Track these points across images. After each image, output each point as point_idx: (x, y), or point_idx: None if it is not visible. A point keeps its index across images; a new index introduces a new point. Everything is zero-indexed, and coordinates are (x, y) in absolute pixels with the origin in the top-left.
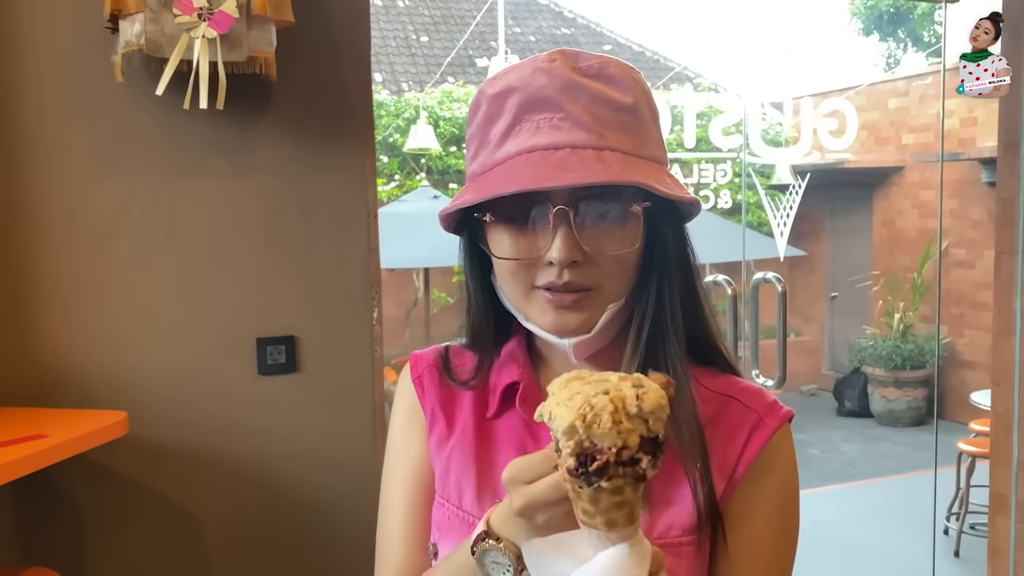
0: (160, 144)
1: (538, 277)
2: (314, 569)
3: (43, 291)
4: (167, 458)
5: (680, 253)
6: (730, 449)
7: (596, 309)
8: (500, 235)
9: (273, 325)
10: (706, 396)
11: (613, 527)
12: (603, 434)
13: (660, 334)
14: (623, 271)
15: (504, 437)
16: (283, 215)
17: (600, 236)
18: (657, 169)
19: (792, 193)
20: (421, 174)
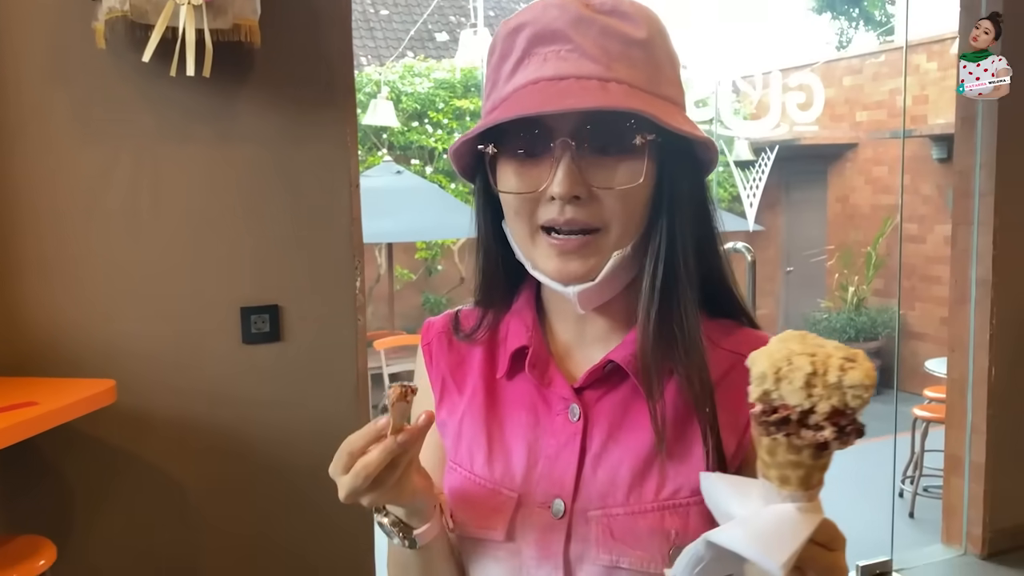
0: (143, 112)
1: (541, 214)
2: (299, 533)
3: (27, 260)
4: (154, 426)
5: (695, 197)
6: (741, 407)
7: (601, 255)
8: (505, 170)
9: (257, 294)
10: (716, 353)
11: (785, 484)
12: (791, 391)
13: (673, 282)
14: (629, 211)
15: (514, 400)
16: (266, 183)
17: (603, 170)
18: (668, 106)
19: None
20: (383, 150)
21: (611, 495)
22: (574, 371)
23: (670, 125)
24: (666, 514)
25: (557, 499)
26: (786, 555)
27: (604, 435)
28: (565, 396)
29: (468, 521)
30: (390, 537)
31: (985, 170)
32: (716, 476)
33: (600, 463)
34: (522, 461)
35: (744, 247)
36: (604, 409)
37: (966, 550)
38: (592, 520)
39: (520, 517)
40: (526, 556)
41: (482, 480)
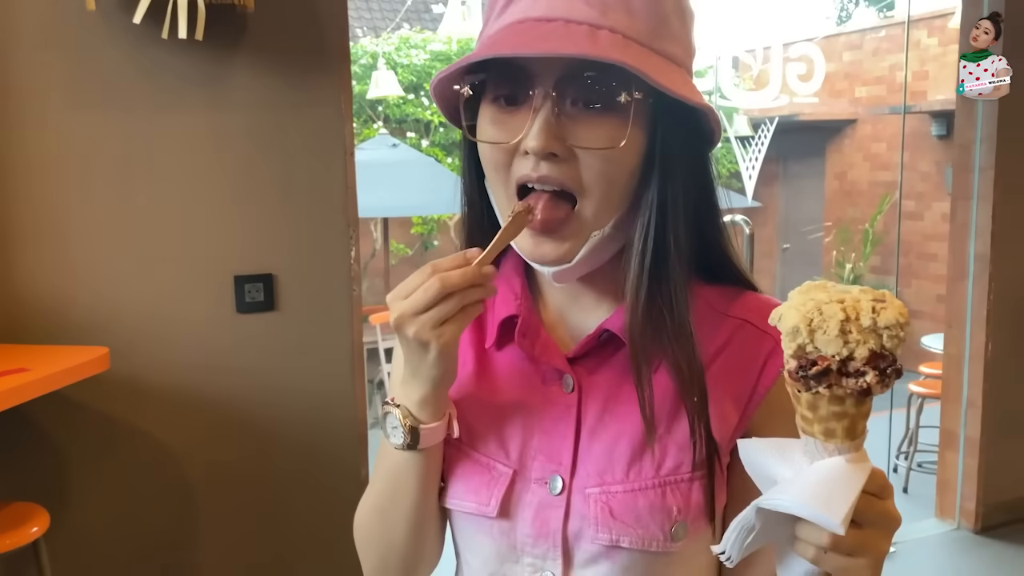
0: (135, 76)
1: (516, 168)
2: (291, 500)
3: (20, 227)
4: (147, 394)
5: (692, 168)
6: (745, 378)
7: (578, 237)
8: (484, 117)
9: (250, 263)
10: (719, 321)
11: (830, 438)
12: (827, 340)
13: (664, 261)
14: (610, 178)
15: (505, 371)
16: (260, 151)
17: (584, 127)
18: (666, 65)
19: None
20: (379, 122)
21: (609, 471)
22: (567, 340)
23: (662, 85)
24: (667, 491)
25: (555, 475)
26: (844, 510)
27: (600, 407)
28: (558, 367)
29: (459, 495)
30: (392, 435)
31: (986, 144)
32: (754, 441)
33: (596, 437)
34: (516, 434)
35: (743, 219)
36: (600, 380)
37: (959, 524)
38: (591, 498)
39: (515, 493)
40: (521, 534)
41: (476, 454)
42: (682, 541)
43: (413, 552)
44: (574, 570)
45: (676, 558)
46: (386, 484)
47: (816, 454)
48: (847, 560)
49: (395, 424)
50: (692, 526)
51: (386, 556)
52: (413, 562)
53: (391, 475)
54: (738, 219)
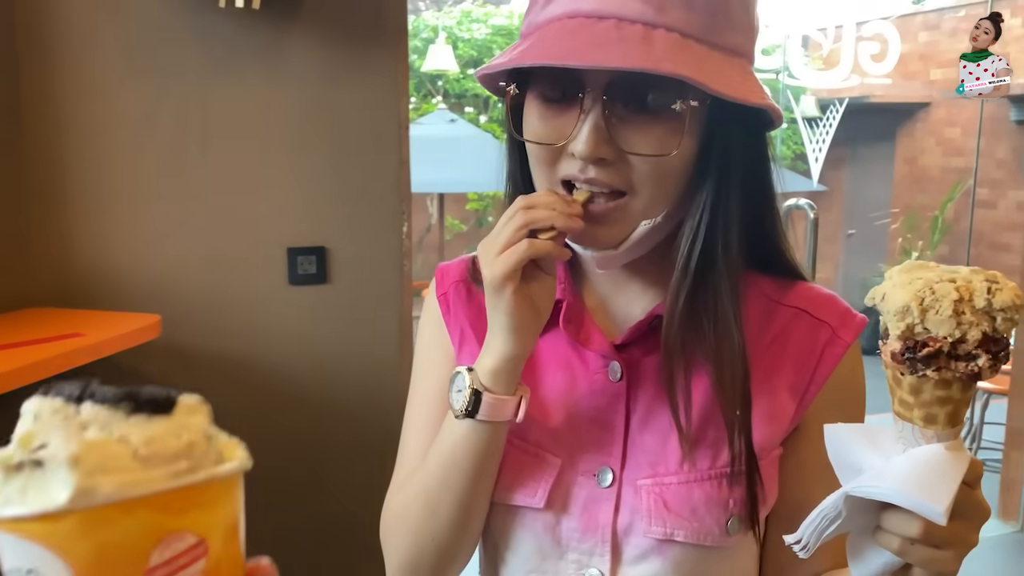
0: (192, 45)
1: (562, 167)
2: (337, 469)
3: (76, 194)
4: (198, 362)
5: (750, 163)
6: (801, 367)
7: (627, 223)
8: (530, 112)
9: (304, 235)
10: (774, 309)
11: (931, 424)
12: (940, 321)
13: (710, 266)
14: (661, 179)
15: (547, 358)
16: (314, 122)
17: (636, 132)
18: (724, 62)
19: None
20: (437, 97)
21: (662, 462)
22: (612, 326)
23: (721, 92)
24: (724, 482)
25: (604, 467)
26: (947, 499)
27: (650, 396)
28: (605, 354)
29: (504, 485)
30: (455, 400)
31: None
32: (841, 426)
33: (647, 427)
34: (561, 424)
35: (807, 204)
36: (649, 368)
37: (1023, 526)
38: (643, 490)
39: (563, 485)
40: (567, 528)
41: (519, 442)
42: (736, 536)
43: (453, 546)
44: (622, 567)
45: (726, 554)
46: (438, 463)
47: (912, 441)
48: (934, 552)
49: (460, 387)
50: (747, 520)
51: (422, 549)
52: (449, 559)
53: (446, 451)
54: (802, 203)
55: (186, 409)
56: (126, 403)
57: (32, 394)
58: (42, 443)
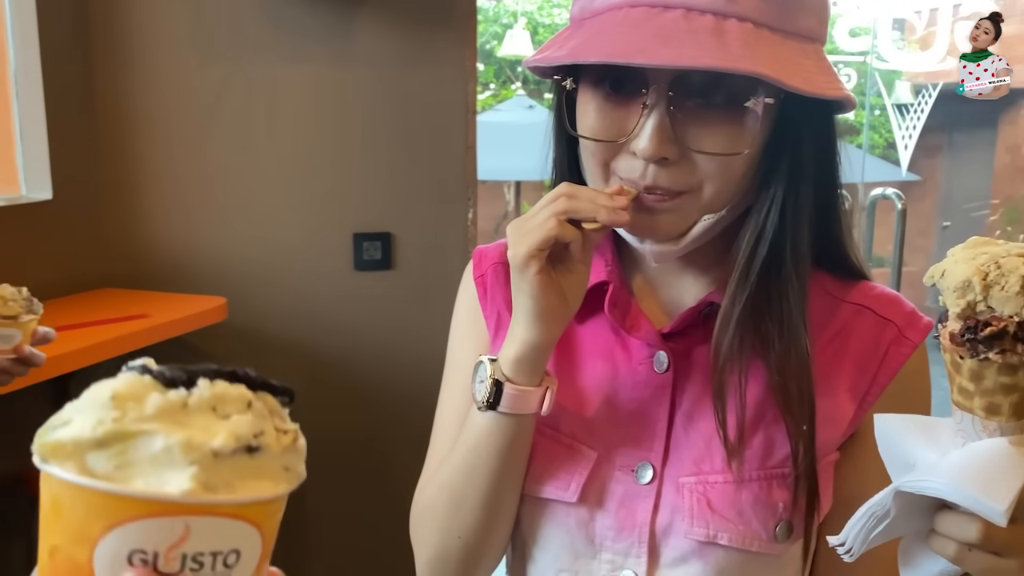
0: (259, 28)
1: (619, 164)
2: (397, 455)
3: (145, 177)
4: (264, 345)
5: (820, 159)
6: (863, 367)
7: (688, 215)
8: (585, 103)
9: (370, 221)
10: (835, 306)
11: (994, 414)
12: (1005, 298)
13: (777, 263)
14: (727, 176)
15: (589, 345)
16: (380, 107)
17: (703, 129)
18: (798, 51)
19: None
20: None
21: (707, 460)
22: (660, 314)
23: (801, 89)
24: (774, 484)
25: (644, 462)
26: (1009, 498)
27: (698, 390)
28: (651, 342)
29: (534, 477)
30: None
31: None
32: (893, 417)
33: (693, 422)
34: (600, 415)
35: (894, 193)
36: (697, 359)
37: None
38: (686, 488)
39: (598, 479)
40: (601, 525)
41: (550, 431)
42: (784, 543)
43: (481, 543)
44: (660, 570)
45: (772, 562)
46: (463, 456)
47: (972, 434)
48: (995, 560)
49: (482, 377)
50: (796, 527)
51: (448, 545)
52: (476, 556)
53: (469, 444)
54: (889, 193)
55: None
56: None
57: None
58: (260, 430)
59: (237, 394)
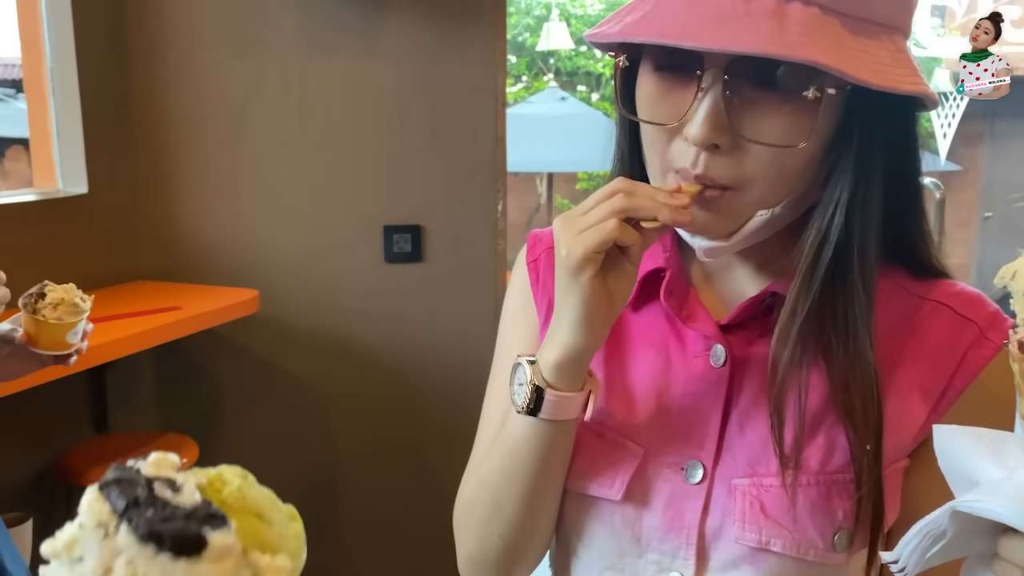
0: (290, 22)
1: (674, 152)
2: (429, 447)
3: (182, 175)
4: (295, 336)
5: (894, 155)
6: (938, 369)
7: (741, 212)
8: (643, 84)
9: (400, 213)
10: (910, 302)
11: None
12: None
13: (843, 271)
14: (782, 173)
15: (641, 335)
16: (411, 100)
17: (759, 116)
18: (872, 39)
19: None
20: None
21: (763, 462)
22: (718, 305)
23: (868, 82)
24: (833, 490)
25: (694, 460)
26: None
27: (756, 386)
28: (708, 334)
29: (578, 473)
30: (516, 393)
31: None
32: (954, 429)
33: (749, 421)
34: (649, 410)
35: (932, 183)
36: (757, 355)
37: None
38: (738, 490)
39: (645, 477)
40: (648, 525)
41: (599, 427)
42: (844, 553)
43: (521, 543)
44: (708, 574)
45: (831, 572)
46: (502, 457)
47: None
48: None
49: (521, 380)
50: (857, 537)
51: (488, 544)
52: (516, 555)
53: (508, 446)
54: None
55: (215, 553)
56: (155, 541)
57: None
58: (80, 556)
59: None
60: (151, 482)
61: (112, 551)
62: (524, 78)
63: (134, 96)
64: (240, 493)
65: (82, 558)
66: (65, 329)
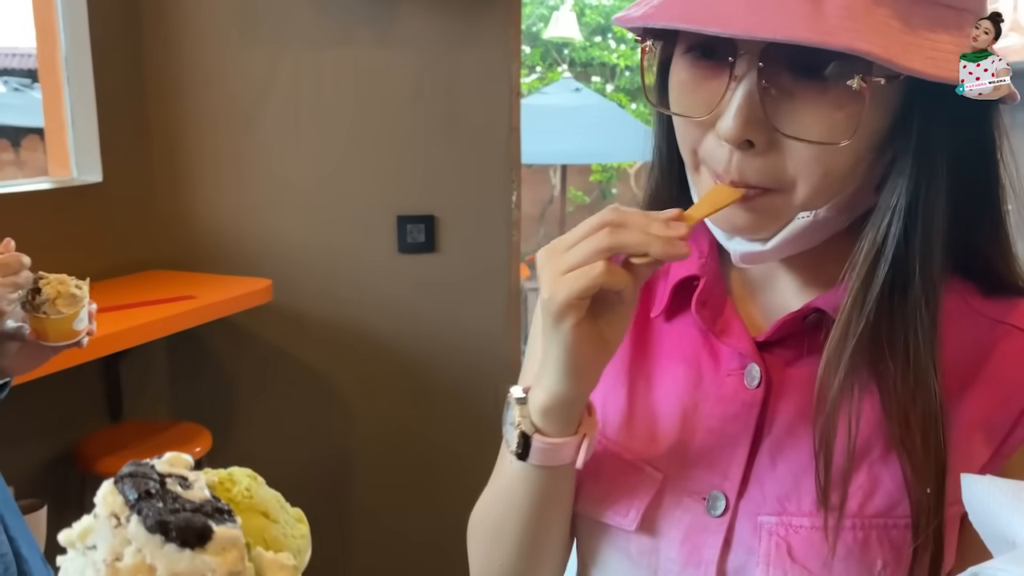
0: (304, 11)
1: (706, 147)
2: (441, 435)
3: (196, 165)
4: (308, 326)
5: (966, 156)
6: (1008, 404)
7: (780, 213)
8: (676, 73)
9: (413, 203)
10: (977, 322)
11: None
12: None
13: (902, 286)
14: (826, 174)
15: (671, 348)
16: (425, 90)
17: (797, 114)
18: (929, 25)
19: None
20: (563, 65)
21: (794, 499)
22: (758, 319)
23: (921, 72)
24: (873, 535)
25: (716, 491)
26: None
27: (792, 413)
28: (743, 351)
29: (592, 498)
30: (506, 432)
31: None
32: (988, 481)
33: (783, 452)
34: (673, 431)
35: None
36: (797, 377)
37: None
38: (764, 528)
39: (664, 505)
40: (665, 557)
41: (617, 448)
42: None
43: (525, 573)
44: None
45: None
46: (498, 494)
47: None
48: None
49: (512, 420)
50: None
51: (490, 571)
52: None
53: (503, 484)
54: None
55: (219, 544)
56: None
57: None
58: (93, 544)
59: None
60: (164, 478)
61: (123, 540)
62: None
63: (149, 85)
64: (248, 492)
65: (95, 546)
66: (69, 320)
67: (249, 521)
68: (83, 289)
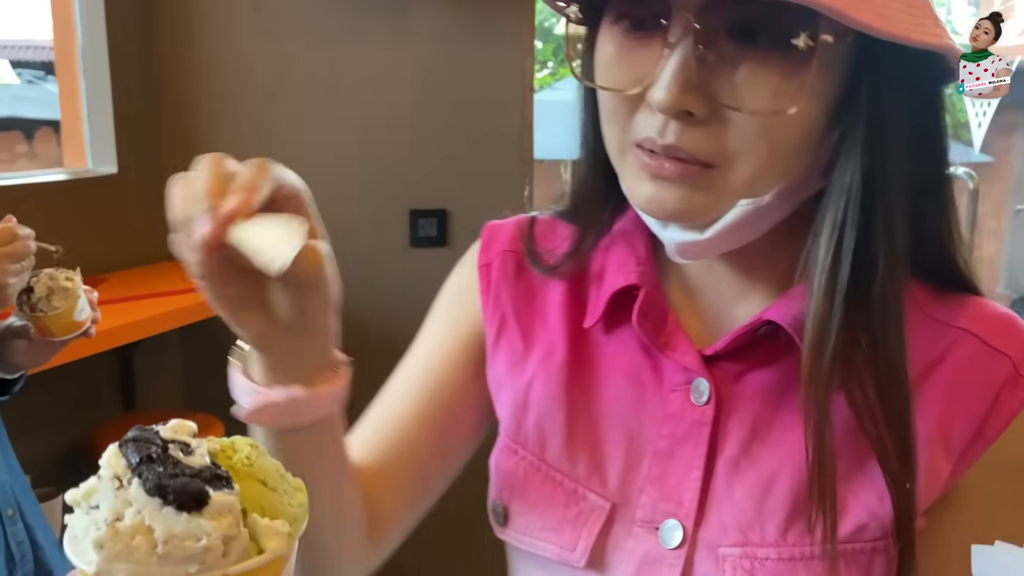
0: (319, 5)
1: (637, 124)
2: None
3: (209, 151)
4: None
5: (917, 136)
6: (966, 414)
7: (719, 196)
8: (603, 45)
9: (426, 197)
10: (931, 329)
11: None
12: None
13: (865, 278)
14: (776, 148)
15: (610, 363)
16: (438, 84)
17: (738, 79)
18: None
19: None
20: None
21: (756, 527)
22: (704, 331)
23: (871, 27)
24: (842, 563)
25: (670, 519)
26: None
27: (747, 432)
28: (689, 366)
29: (532, 530)
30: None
31: None
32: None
33: (739, 474)
34: (619, 455)
35: (966, 173)
36: (749, 392)
37: None
38: (726, 561)
39: (612, 536)
40: None
41: (555, 472)
42: None
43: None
44: None
45: None
46: None
47: None
48: None
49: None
50: None
51: None
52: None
53: None
54: (960, 172)
55: (215, 510)
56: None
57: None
58: (96, 504)
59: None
60: (166, 443)
61: (124, 501)
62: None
63: (164, 77)
64: (248, 460)
65: (98, 506)
66: (69, 312)
67: (247, 488)
68: (74, 280)
